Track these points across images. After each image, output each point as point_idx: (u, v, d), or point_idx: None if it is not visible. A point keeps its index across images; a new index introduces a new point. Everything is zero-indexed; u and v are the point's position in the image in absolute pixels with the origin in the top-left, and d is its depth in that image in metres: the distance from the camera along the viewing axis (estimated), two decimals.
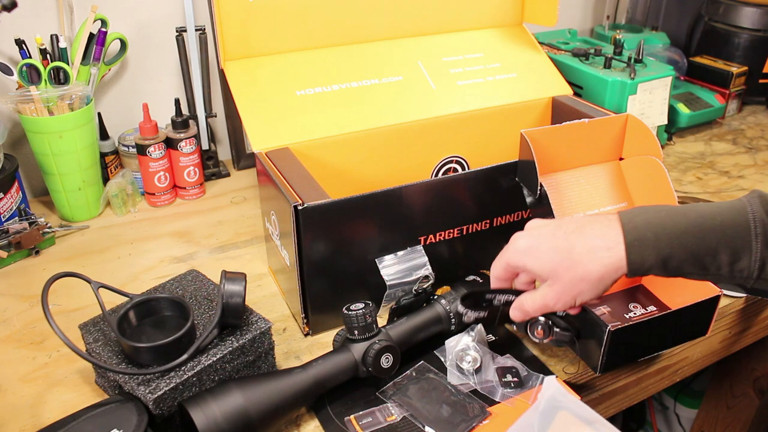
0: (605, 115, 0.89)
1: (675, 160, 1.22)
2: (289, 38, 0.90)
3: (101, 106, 1.12)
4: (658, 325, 0.68)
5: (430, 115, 0.91)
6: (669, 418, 1.55)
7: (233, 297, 0.65)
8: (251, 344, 0.67)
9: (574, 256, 0.57)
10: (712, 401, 1.33)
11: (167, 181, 1.06)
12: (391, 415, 0.65)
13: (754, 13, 1.35)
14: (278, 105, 0.85)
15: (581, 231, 0.58)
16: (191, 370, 0.62)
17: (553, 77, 1.02)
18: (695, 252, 0.54)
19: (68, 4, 1.01)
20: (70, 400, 0.69)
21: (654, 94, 1.10)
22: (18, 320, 0.81)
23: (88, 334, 0.67)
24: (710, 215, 0.55)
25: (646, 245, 0.55)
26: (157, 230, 1.01)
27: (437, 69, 0.96)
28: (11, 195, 0.95)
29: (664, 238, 0.55)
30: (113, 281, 0.71)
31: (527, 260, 0.60)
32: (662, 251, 0.55)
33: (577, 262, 0.57)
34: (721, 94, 1.34)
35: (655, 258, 0.55)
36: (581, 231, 0.58)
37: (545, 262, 0.59)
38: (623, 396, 0.76)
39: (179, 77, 1.15)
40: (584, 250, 0.57)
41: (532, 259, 0.60)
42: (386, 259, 0.75)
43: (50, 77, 0.97)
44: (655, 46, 1.38)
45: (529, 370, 0.70)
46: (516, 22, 1.06)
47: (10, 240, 0.91)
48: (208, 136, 1.15)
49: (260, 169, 0.80)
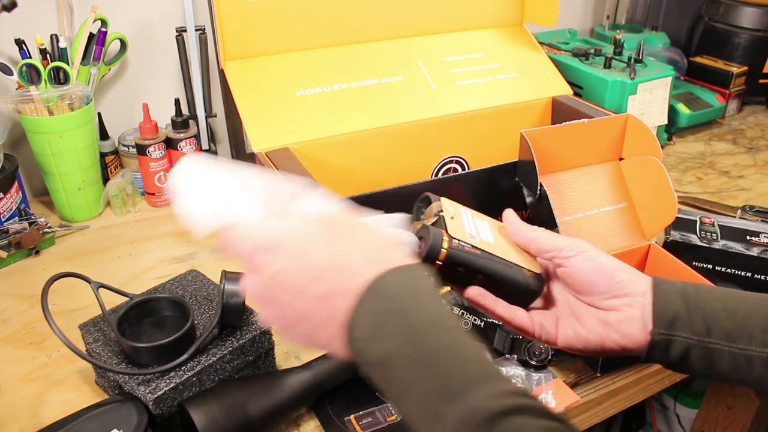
0: (605, 115, 0.89)
1: (675, 160, 1.22)
2: (289, 38, 0.90)
3: (101, 106, 1.12)
4: None
5: (430, 115, 0.91)
6: (669, 418, 1.55)
7: (233, 297, 0.65)
8: (251, 344, 0.67)
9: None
10: (712, 401, 1.33)
11: (167, 181, 1.06)
12: (391, 415, 0.65)
13: (754, 13, 1.35)
14: (278, 105, 0.85)
15: None
16: (191, 370, 0.62)
17: (553, 77, 1.02)
18: (727, 310, 0.49)
19: (68, 4, 1.01)
20: (70, 400, 0.69)
21: (654, 94, 1.10)
22: (18, 320, 0.81)
23: (88, 334, 0.67)
24: (739, 291, 0.51)
25: (671, 286, 0.51)
26: (157, 230, 1.01)
27: (437, 69, 0.96)
28: (11, 195, 0.95)
29: (691, 289, 0.51)
30: (113, 281, 0.71)
31: None
32: (690, 299, 0.50)
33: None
34: (721, 94, 1.34)
35: (681, 299, 0.50)
36: None
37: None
38: (623, 396, 0.76)
39: (179, 77, 1.14)
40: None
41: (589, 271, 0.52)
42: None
43: (50, 77, 0.97)
44: (655, 46, 1.38)
45: (530, 372, 0.71)
46: (516, 22, 1.06)
47: (10, 240, 0.91)
48: (208, 136, 1.15)
49: None
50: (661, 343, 0.49)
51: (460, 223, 0.53)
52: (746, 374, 0.49)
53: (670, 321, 0.49)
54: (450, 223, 0.52)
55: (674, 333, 0.49)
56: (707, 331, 0.49)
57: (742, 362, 0.49)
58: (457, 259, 0.50)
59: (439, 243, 0.49)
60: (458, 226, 0.52)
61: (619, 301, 0.51)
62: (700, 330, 0.49)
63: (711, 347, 0.49)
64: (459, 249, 0.50)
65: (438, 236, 0.49)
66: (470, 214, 0.55)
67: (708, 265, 0.81)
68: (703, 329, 0.49)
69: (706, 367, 0.50)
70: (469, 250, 0.51)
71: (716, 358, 0.49)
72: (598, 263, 0.51)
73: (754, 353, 0.48)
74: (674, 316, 0.49)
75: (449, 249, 0.49)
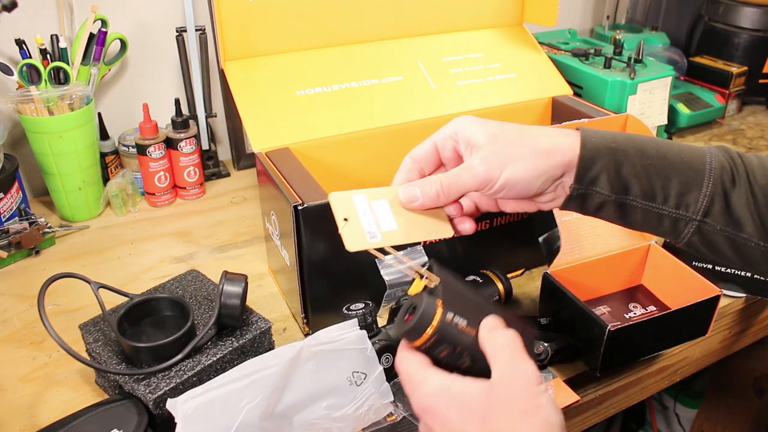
0: (605, 115, 0.89)
1: None
2: (289, 38, 0.90)
3: (101, 106, 1.12)
4: (658, 325, 0.68)
5: (430, 115, 0.91)
6: (669, 418, 1.55)
7: (231, 298, 0.65)
8: (251, 344, 0.67)
9: (524, 131, 0.52)
10: (712, 401, 1.33)
11: (167, 181, 1.06)
12: (391, 415, 0.65)
13: (754, 13, 1.35)
14: (278, 105, 0.85)
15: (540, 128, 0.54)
16: (191, 369, 0.62)
17: (553, 77, 1.02)
18: (649, 169, 0.51)
19: (68, 4, 1.01)
20: (70, 400, 0.69)
21: (654, 94, 1.10)
22: (18, 320, 0.81)
23: (88, 334, 0.67)
24: (670, 144, 0.53)
25: (601, 139, 0.51)
26: (157, 230, 1.01)
27: (437, 69, 0.96)
28: (11, 195, 0.95)
29: (622, 142, 0.52)
30: (113, 281, 0.71)
31: (468, 127, 0.52)
32: (618, 153, 0.51)
33: (528, 135, 0.51)
34: (721, 94, 1.34)
35: (609, 157, 0.50)
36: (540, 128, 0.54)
37: (488, 127, 0.51)
38: (623, 396, 0.76)
39: (179, 77, 1.15)
40: (539, 130, 0.52)
41: (474, 124, 0.52)
42: (386, 259, 0.75)
43: (50, 77, 0.97)
44: (655, 46, 1.38)
45: None
46: (516, 22, 1.06)
47: (10, 240, 0.91)
48: (208, 136, 1.15)
49: (260, 169, 0.80)
50: (579, 197, 0.52)
51: (356, 224, 0.50)
52: (654, 228, 0.53)
53: (592, 179, 0.51)
54: (346, 231, 0.49)
55: (593, 189, 0.51)
56: (625, 190, 0.51)
57: (652, 218, 0.52)
58: (446, 337, 0.48)
59: (428, 318, 0.47)
60: (355, 231, 0.49)
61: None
62: (619, 189, 0.51)
63: (627, 203, 0.52)
64: (450, 325, 0.47)
65: (427, 313, 0.47)
66: (364, 200, 0.51)
67: (708, 266, 0.81)
68: (621, 188, 0.51)
69: (617, 218, 0.53)
70: (461, 329, 0.48)
71: (629, 211, 0.52)
72: (519, 184, 0.50)
73: (665, 212, 0.52)
74: (597, 174, 0.51)
75: (438, 325, 0.47)
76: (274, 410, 0.60)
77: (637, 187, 0.51)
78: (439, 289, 0.48)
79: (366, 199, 0.51)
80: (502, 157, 0.50)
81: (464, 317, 0.47)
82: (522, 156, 0.50)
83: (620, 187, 0.51)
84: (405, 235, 0.51)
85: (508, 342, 0.46)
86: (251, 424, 0.56)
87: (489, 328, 0.47)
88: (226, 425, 0.56)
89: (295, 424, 0.61)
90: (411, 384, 0.48)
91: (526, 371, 0.45)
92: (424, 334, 0.46)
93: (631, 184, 0.51)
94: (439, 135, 0.54)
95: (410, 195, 0.52)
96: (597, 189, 0.51)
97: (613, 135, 0.52)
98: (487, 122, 0.52)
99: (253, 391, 0.57)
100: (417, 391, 0.47)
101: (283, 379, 0.60)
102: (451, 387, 0.46)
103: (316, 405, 0.62)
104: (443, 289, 0.48)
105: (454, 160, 0.54)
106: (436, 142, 0.55)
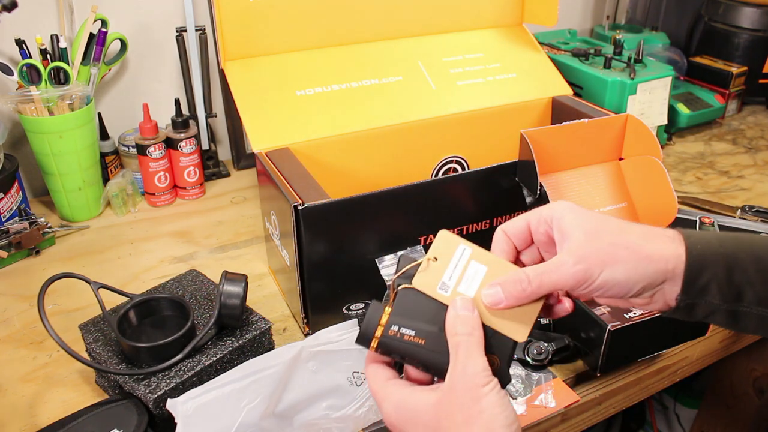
0: (605, 115, 0.89)
1: (675, 160, 1.22)
2: (289, 38, 0.90)
3: (101, 106, 1.12)
4: (658, 325, 0.68)
5: (430, 115, 0.91)
6: (669, 418, 1.55)
7: (231, 298, 0.65)
8: (251, 344, 0.67)
9: (625, 230, 0.47)
10: (712, 401, 1.33)
11: (167, 181, 1.06)
12: None
13: (754, 13, 1.35)
14: (278, 105, 0.85)
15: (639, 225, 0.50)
16: (191, 369, 0.62)
17: (553, 77, 1.02)
18: (765, 273, 0.47)
19: (68, 4, 1.01)
20: (70, 400, 0.69)
21: (654, 94, 1.10)
22: (18, 320, 0.81)
23: (88, 334, 0.67)
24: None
25: (707, 245, 0.47)
26: (157, 230, 1.01)
27: (437, 69, 0.96)
28: (11, 195, 0.95)
29: (731, 246, 0.48)
30: (113, 281, 0.71)
31: (565, 214, 0.48)
32: (728, 259, 0.47)
33: (628, 234, 0.47)
34: (721, 94, 1.34)
35: (718, 264, 0.47)
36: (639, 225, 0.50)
37: (586, 220, 0.48)
38: (623, 396, 0.76)
39: (179, 77, 1.15)
40: (640, 230, 0.48)
41: (571, 214, 0.48)
42: (386, 259, 0.75)
43: (50, 77, 0.97)
44: (655, 46, 1.38)
45: (529, 372, 0.71)
46: (516, 22, 1.06)
47: (11, 240, 0.91)
48: (208, 136, 1.15)
49: (260, 169, 0.80)
50: (686, 308, 0.48)
51: (439, 269, 0.48)
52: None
53: (701, 289, 0.47)
54: (423, 270, 0.47)
55: (703, 299, 0.47)
56: (738, 297, 0.47)
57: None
58: (391, 349, 0.47)
59: (371, 330, 0.46)
60: (432, 274, 0.47)
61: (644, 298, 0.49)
62: (731, 297, 0.47)
63: (740, 310, 0.48)
64: (394, 338, 0.46)
65: (370, 324, 0.46)
66: (467, 255, 0.48)
67: None
68: (733, 297, 0.47)
69: (730, 325, 0.49)
70: (408, 339, 0.46)
71: (742, 318, 0.48)
72: (617, 287, 0.47)
73: None
74: (706, 284, 0.47)
75: (381, 338, 0.46)
76: (275, 410, 0.60)
77: (750, 294, 0.47)
78: (389, 300, 0.48)
79: (468, 255, 0.49)
80: (601, 258, 0.46)
81: (413, 328, 0.46)
82: (623, 258, 0.46)
83: (732, 295, 0.47)
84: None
85: (464, 341, 0.45)
86: (251, 424, 0.57)
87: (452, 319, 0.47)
88: (226, 425, 0.56)
89: (296, 424, 0.61)
90: (376, 400, 0.48)
91: (472, 373, 0.44)
92: (370, 346, 0.47)
93: (744, 291, 0.47)
94: (534, 216, 0.51)
95: (493, 299, 0.48)
96: (707, 299, 0.47)
97: (719, 238, 0.48)
98: (586, 214, 0.48)
99: (253, 391, 0.57)
100: (381, 408, 0.48)
101: (284, 380, 0.60)
102: (407, 403, 0.46)
103: (317, 405, 0.62)
104: (398, 299, 0.47)
105: (545, 243, 0.51)
106: (529, 222, 0.51)
